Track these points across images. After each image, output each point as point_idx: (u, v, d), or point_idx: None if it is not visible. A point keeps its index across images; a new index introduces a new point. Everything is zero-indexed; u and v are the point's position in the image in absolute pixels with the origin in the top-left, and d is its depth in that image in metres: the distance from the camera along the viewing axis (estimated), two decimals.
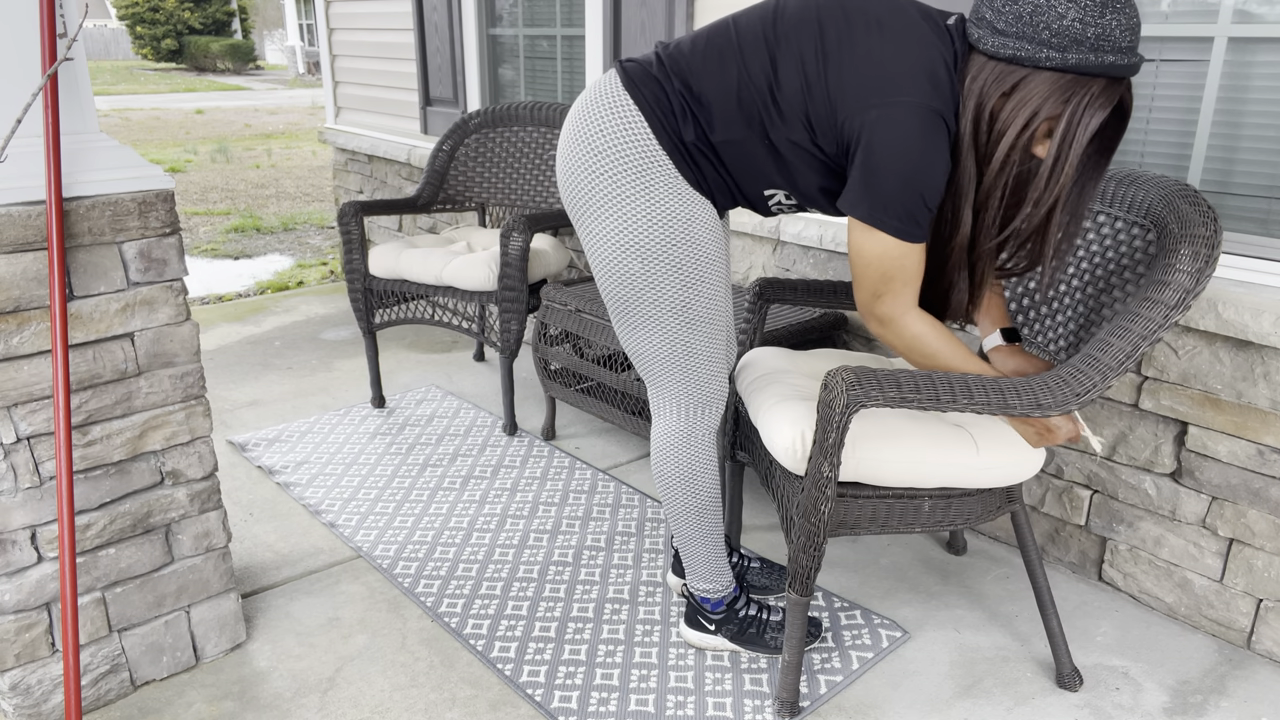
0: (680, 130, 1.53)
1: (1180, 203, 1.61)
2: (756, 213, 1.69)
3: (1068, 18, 1.32)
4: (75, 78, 1.56)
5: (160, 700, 1.79)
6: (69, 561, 1.49)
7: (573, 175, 1.61)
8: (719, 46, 1.53)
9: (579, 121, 1.60)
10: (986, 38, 1.39)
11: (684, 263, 1.59)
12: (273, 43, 34.40)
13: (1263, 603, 1.92)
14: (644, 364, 1.71)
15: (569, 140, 1.61)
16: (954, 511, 1.68)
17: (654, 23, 2.92)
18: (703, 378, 1.69)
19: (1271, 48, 1.82)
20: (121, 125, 13.62)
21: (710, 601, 1.87)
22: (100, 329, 1.62)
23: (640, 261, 1.59)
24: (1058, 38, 1.33)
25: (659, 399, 1.73)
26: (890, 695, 1.81)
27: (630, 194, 1.55)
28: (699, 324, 1.64)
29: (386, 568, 2.20)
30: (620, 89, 1.56)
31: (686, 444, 1.73)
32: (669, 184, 1.55)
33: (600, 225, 1.60)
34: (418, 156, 4.07)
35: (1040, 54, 1.35)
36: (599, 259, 1.63)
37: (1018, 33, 1.35)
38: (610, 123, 1.55)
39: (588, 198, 1.59)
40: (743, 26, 1.52)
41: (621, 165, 1.54)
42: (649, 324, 1.65)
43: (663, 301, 1.61)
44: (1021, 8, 1.34)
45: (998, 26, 1.37)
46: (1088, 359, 1.52)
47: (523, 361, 3.71)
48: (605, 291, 1.67)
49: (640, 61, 1.59)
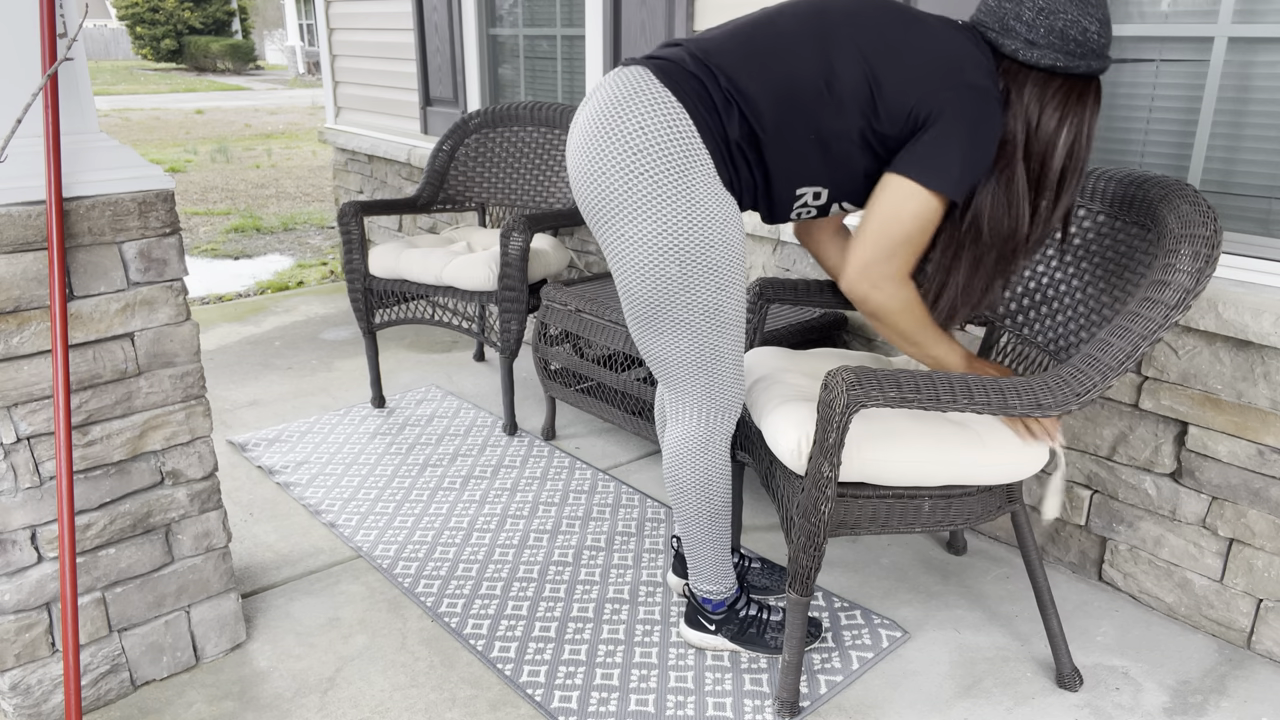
0: (725, 126, 1.52)
1: (1180, 203, 1.61)
2: (771, 218, 1.67)
3: (1090, 30, 1.51)
4: (75, 78, 1.55)
5: (160, 700, 1.79)
6: (69, 561, 1.49)
7: (601, 175, 1.55)
8: (763, 42, 1.53)
9: (607, 118, 1.53)
10: (1024, 50, 1.53)
11: (720, 265, 1.57)
12: (273, 43, 34.40)
13: (1263, 603, 1.92)
14: (668, 368, 1.68)
15: (594, 139, 1.55)
16: (954, 511, 1.68)
17: (654, 23, 2.92)
18: (727, 381, 1.68)
19: (1271, 48, 1.82)
20: (121, 125, 13.62)
21: (712, 602, 1.87)
22: (100, 329, 1.62)
23: (678, 265, 1.55)
24: (1082, 48, 1.52)
25: (679, 404, 1.70)
26: (890, 695, 1.81)
27: (671, 194, 1.51)
28: (728, 326, 1.63)
29: (386, 568, 2.20)
30: (658, 85, 1.51)
31: (704, 449, 1.72)
32: (708, 183, 1.53)
33: (634, 228, 1.54)
34: (418, 156, 4.07)
35: (1072, 63, 1.52)
36: (632, 263, 1.58)
37: (1050, 45, 1.52)
38: (650, 119, 1.50)
39: (621, 199, 1.54)
40: (786, 22, 1.55)
41: (663, 164, 1.50)
42: (679, 328, 1.62)
43: (696, 304, 1.59)
44: (1054, 22, 1.51)
45: (1031, 39, 1.53)
46: (1088, 359, 1.52)
47: (523, 361, 3.72)
48: (634, 296, 1.62)
49: (669, 58, 1.55)
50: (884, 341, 2.53)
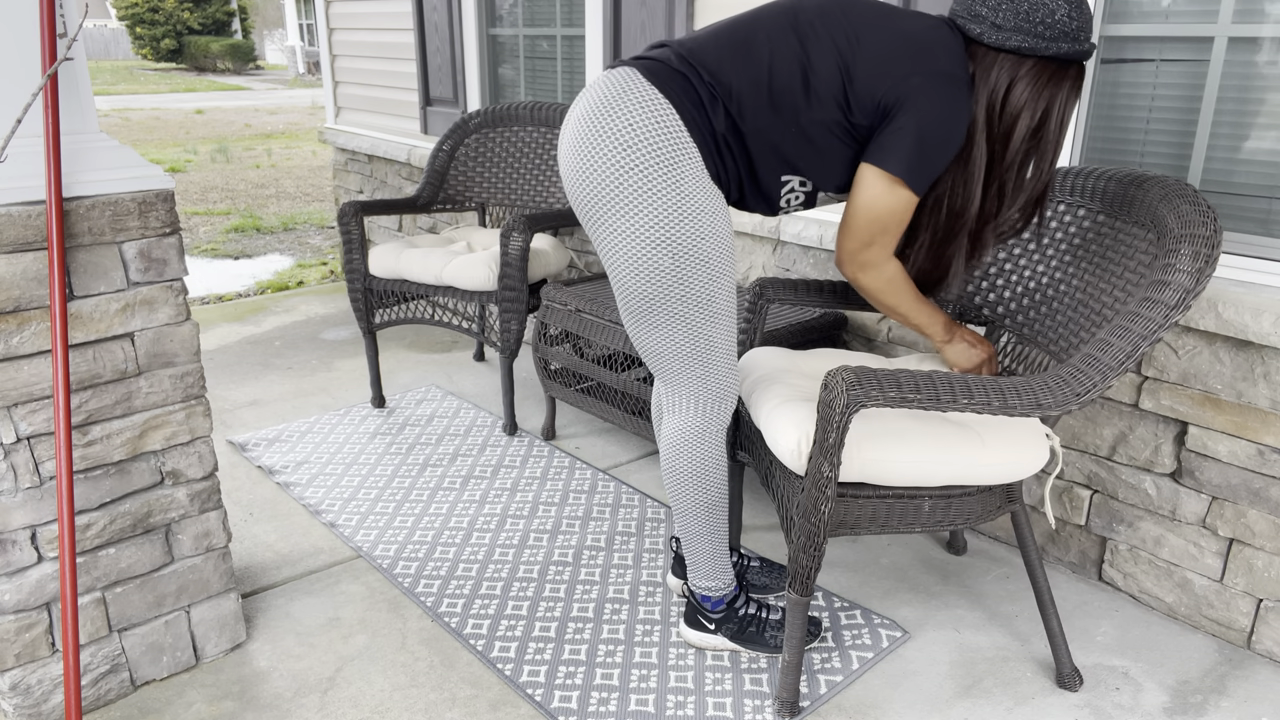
0: (711, 120, 1.56)
1: (1180, 203, 1.61)
2: (760, 210, 1.70)
3: (1058, 13, 1.53)
4: (75, 78, 1.55)
5: (160, 700, 1.79)
6: (69, 561, 1.49)
7: (592, 173, 1.58)
8: (743, 40, 1.57)
9: (597, 117, 1.57)
10: (989, 33, 1.56)
11: (711, 256, 1.60)
12: (273, 43, 34.39)
13: (1263, 603, 1.92)
14: (663, 362, 1.70)
15: (585, 137, 1.58)
16: (954, 511, 1.68)
17: (654, 23, 2.93)
18: (721, 370, 1.70)
19: (1271, 48, 1.82)
20: (121, 125, 13.62)
21: (711, 600, 1.87)
22: (100, 329, 1.62)
23: (671, 257, 1.58)
24: (1050, 30, 1.54)
25: (675, 396, 1.73)
26: (890, 695, 1.81)
27: (661, 187, 1.55)
28: (720, 317, 1.66)
29: (386, 568, 2.20)
30: (645, 83, 1.56)
31: (701, 440, 1.73)
32: (696, 176, 1.56)
33: (627, 222, 1.58)
34: (418, 156, 4.07)
35: (1040, 45, 1.54)
36: (625, 257, 1.61)
37: (1015, 26, 1.54)
38: (639, 116, 1.54)
39: (613, 194, 1.57)
40: (764, 20, 1.59)
41: (652, 158, 1.54)
42: (673, 321, 1.64)
43: (689, 296, 1.61)
44: (1019, 5, 1.54)
45: (996, 22, 1.55)
46: (1088, 359, 1.52)
47: (523, 361, 3.72)
48: (628, 291, 1.65)
49: (654, 58, 1.59)
50: (884, 341, 2.53)
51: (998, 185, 1.66)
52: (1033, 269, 1.97)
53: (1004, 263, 2.03)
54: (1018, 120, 1.59)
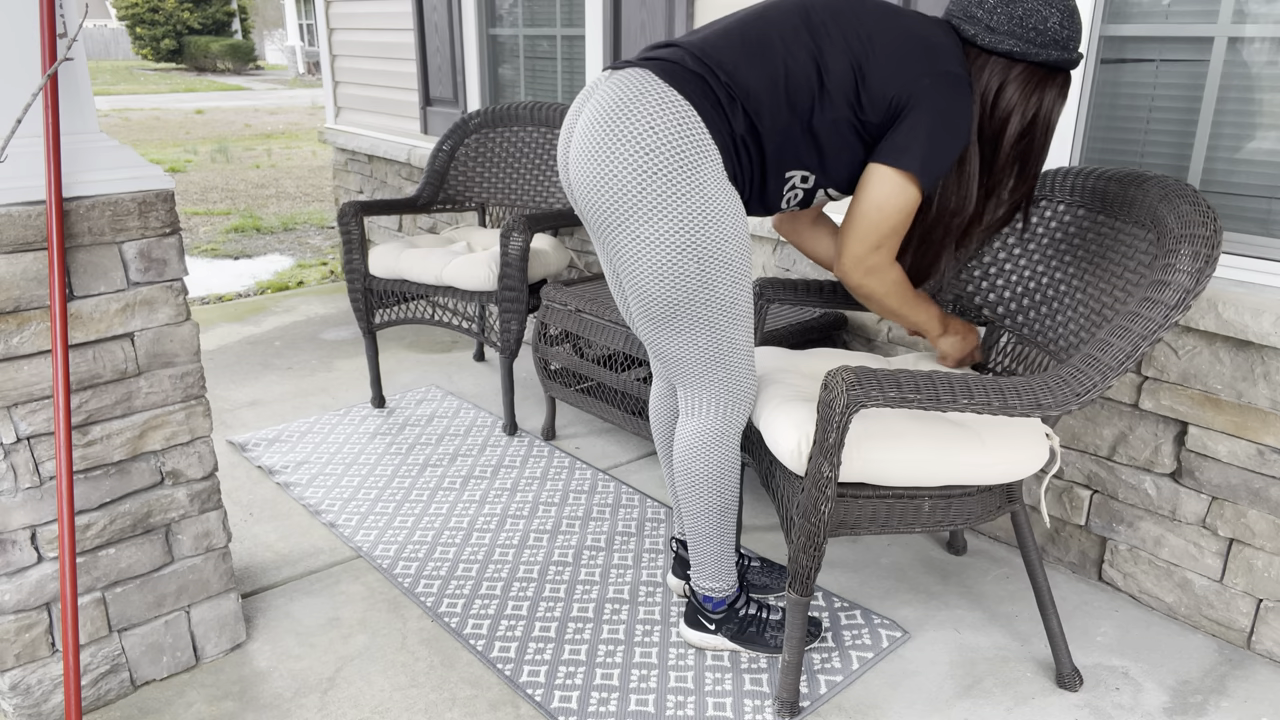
0: (730, 122, 1.55)
1: (1180, 203, 1.61)
2: (757, 212, 1.69)
3: (1050, 21, 1.58)
4: (75, 78, 1.55)
5: (160, 700, 1.79)
6: (69, 561, 1.49)
7: (611, 179, 1.53)
8: (756, 38, 1.57)
9: (614, 120, 1.52)
10: (983, 34, 1.60)
11: (734, 258, 1.60)
12: (273, 43, 34.39)
13: (1263, 603, 1.92)
14: (684, 366, 1.68)
15: (600, 141, 1.53)
16: (954, 511, 1.68)
17: (654, 23, 2.92)
18: (743, 372, 1.70)
19: (1272, 48, 1.82)
20: (121, 125, 13.62)
21: (713, 601, 1.87)
22: (100, 329, 1.62)
23: (696, 262, 1.56)
24: (1042, 37, 1.58)
25: (694, 398, 1.71)
26: (890, 695, 1.81)
27: (685, 192, 1.52)
28: (742, 319, 1.66)
29: (386, 568, 2.20)
30: (662, 84, 1.52)
31: (719, 443, 1.73)
32: (718, 180, 1.55)
33: (649, 228, 1.54)
34: (418, 156, 4.07)
35: (1030, 50, 1.58)
36: (648, 264, 1.56)
37: (1009, 31, 1.58)
38: (660, 118, 1.50)
39: (635, 200, 1.53)
40: (776, 19, 1.58)
41: (676, 162, 1.51)
42: (696, 325, 1.62)
43: (714, 300, 1.60)
44: (1014, 10, 1.58)
45: (990, 25, 1.59)
46: (1088, 359, 1.52)
47: (523, 361, 3.72)
48: (650, 297, 1.60)
49: (667, 58, 1.56)
50: (884, 341, 2.53)
51: (989, 186, 1.70)
52: (1032, 269, 1.97)
53: (1004, 263, 2.03)
54: (1008, 122, 1.62)
